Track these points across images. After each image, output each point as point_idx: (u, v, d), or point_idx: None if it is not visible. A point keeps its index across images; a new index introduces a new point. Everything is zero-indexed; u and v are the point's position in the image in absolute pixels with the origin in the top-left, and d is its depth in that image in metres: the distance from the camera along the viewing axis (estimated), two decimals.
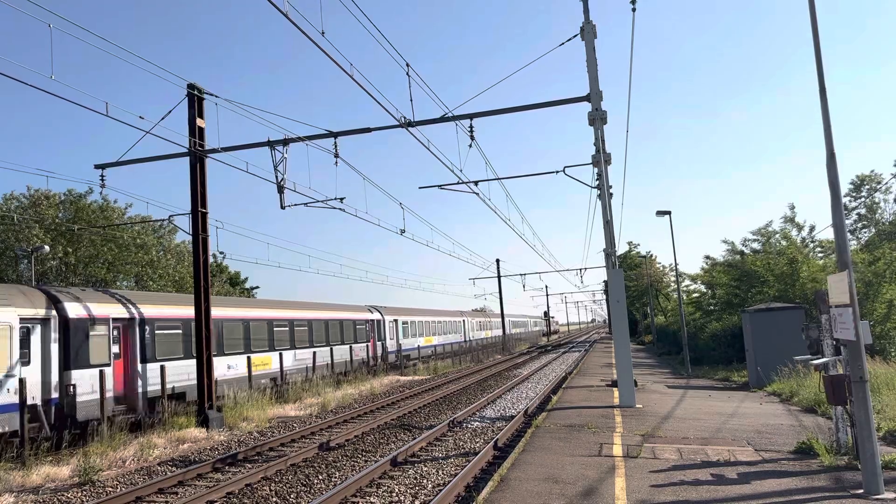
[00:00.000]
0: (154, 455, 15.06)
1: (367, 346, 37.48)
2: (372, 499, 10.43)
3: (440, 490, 10.54)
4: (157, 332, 20.44)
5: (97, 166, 20.74)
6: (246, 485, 11.79)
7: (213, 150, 19.74)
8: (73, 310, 17.73)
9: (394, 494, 10.64)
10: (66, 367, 17.12)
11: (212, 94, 19.69)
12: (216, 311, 22.00)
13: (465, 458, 13.25)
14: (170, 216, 22.24)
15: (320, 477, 12.31)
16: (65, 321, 17.33)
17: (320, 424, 18.33)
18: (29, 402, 15.25)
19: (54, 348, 16.95)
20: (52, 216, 35.94)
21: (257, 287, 63.71)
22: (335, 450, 14.94)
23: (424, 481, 11.43)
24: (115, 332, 19.01)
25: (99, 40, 12.81)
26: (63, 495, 11.82)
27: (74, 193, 37.71)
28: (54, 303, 17.42)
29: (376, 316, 39.83)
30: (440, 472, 12.05)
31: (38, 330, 16.64)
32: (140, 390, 19.41)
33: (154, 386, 19.74)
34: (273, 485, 11.81)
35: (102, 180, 20.70)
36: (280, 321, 28.18)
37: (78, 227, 33.95)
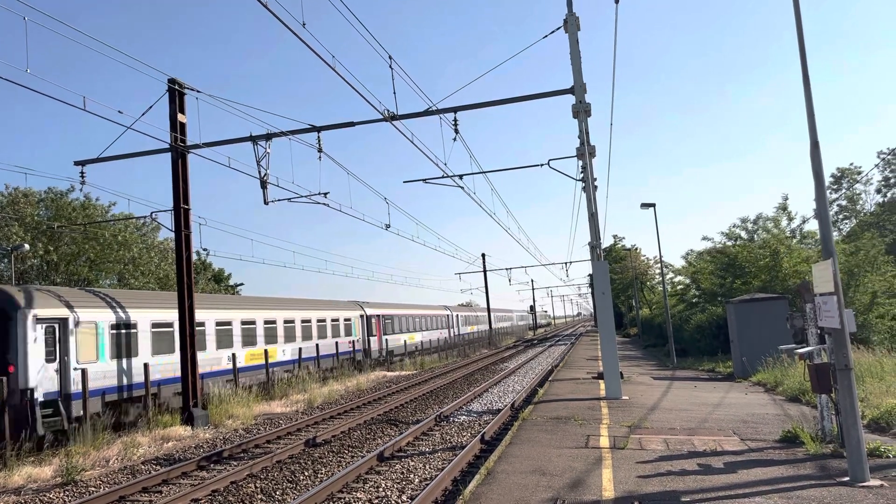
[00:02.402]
0: (138, 454, 14.90)
1: (447, 331, 58.77)
2: (358, 494, 10.36)
3: (427, 484, 10.50)
4: (384, 321, 42.68)
5: (77, 163, 20.48)
6: (231, 482, 11.69)
7: (195, 146, 19.54)
8: (368, 311, 40.36)
9: (380, 490, 10.57)
10: (367, 335, 39.59)
11: (193, 89, 19.49)
12: (401, 311, 47.28)
13: (451, 451, 13.21)
14: (152, 213, 21.99)
15: (306, 473, 12.22)
16: (366, 316, 39.84)
17: (306, 421, 18.23)
18: (357, 347, 37.82)
19: (364, 327, 39.27)
20: (31, 214, 35.50)
21: (241, 284, 63.24)
22: (321, 446, 14.86)
23: (411, 476, 11.38)
24: (376, 321, 41.41)
25: (77, 34, 12.62)
26: (45, 496, 11.67)
27: (56, 191, 37.29)
28: (362, 307, 40.04)
29: (448, 312, 61.49)
30: (427, 467, 12.00)
31: (359, 320, 38.83)
32: (384, 347, 41.98)
33: (393, 345, 43.88)
34: (259, 482, 11.71)
35: (83, 177, 20.44)
36: (415, 316, 50.41)
37: (58, 224, 33.54)
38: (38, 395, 16.20)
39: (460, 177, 22.27)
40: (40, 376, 16.48)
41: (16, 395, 15.83)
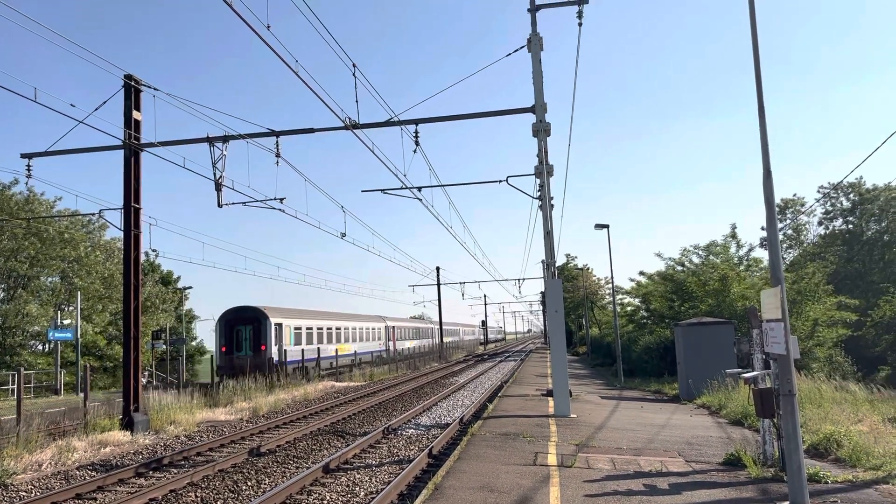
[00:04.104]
0: (73, 459, 14.38)
1: (431, 340, 73.74)
2: None
3: (373, 498, 10.34)
4: (396, 329, 59.71)
5: (24, 155, 19.77)
6: (170, 490, 11.35)
7: (150, 145, 19.09)
8: (388, 322, 57.96)
9: (325, 502, 10.39)
10: (387, 339, 56.67)
11: (150, 87, 19.07)
12: (407, 324, 67.89)
13: (399, 465, 13.07)
14: (100, 211, 21.41)
15: (249, 483, 11.95)
16: (389, 326, 57.57)
17: (251, 430, 17.87)
18: (382, 348, 54.41)
19: (386, 334, 56.32)
20: None
21: (190, 287, 62.07)
22: (265, 455, 14.56)
23: (357, 489, 11.21)
24: (391, 330, 57.88)
25: (34, 24, 12.24)
26: None
27: None
28: (384, 319, 57.14)
29: (433, 325, 78.00)
30: (373, 480, 11.85)
31: (384, 329, 55.79)
32: (397, 348, 57.91)
33: (399, 348, 59.55)
34: (199, 491, 11.40)
35: (29, 170, 19.76)
36: (414, 327, 68.94)
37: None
38: (273, 359, 33.76)
39: (419, 189, 22.25)
40: (273, 351, 34.26)
41: (265, 359, 33.43)
